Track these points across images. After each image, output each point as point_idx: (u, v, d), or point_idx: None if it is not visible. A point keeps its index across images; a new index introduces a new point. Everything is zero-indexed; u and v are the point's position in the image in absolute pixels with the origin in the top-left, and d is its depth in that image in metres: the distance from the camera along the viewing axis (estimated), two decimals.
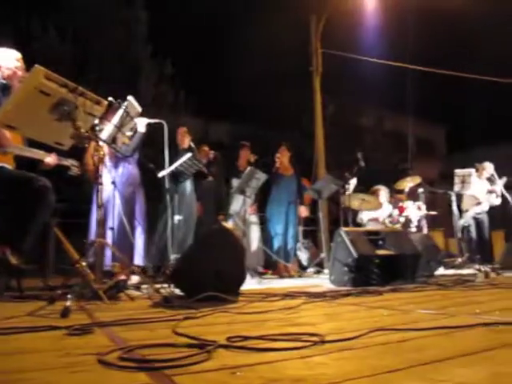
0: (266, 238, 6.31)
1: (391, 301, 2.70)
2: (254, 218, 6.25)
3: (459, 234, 7.52)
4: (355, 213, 7.02)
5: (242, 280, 2.90)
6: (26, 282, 3.57)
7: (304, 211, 6.55)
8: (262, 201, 6.57)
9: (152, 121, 3.98)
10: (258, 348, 1.28)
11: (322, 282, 4.55)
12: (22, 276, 3.30)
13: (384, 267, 3.94)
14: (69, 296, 2.19)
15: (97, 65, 8.50)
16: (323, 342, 1.35)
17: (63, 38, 8.82)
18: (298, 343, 1.33)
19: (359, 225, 7.08)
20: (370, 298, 2.91)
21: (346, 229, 4.13)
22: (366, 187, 8.04)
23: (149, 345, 1.32)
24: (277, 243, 6.16)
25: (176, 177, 4.48)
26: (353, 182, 6.65)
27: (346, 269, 3.89)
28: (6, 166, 3.04)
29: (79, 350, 1.29)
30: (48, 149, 3.26)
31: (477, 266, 6.00)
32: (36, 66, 2.39)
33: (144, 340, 1.42)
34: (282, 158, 6.40)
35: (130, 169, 4.21)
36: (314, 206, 9.91)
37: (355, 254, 3.81)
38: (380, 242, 4.23)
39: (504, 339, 1.40)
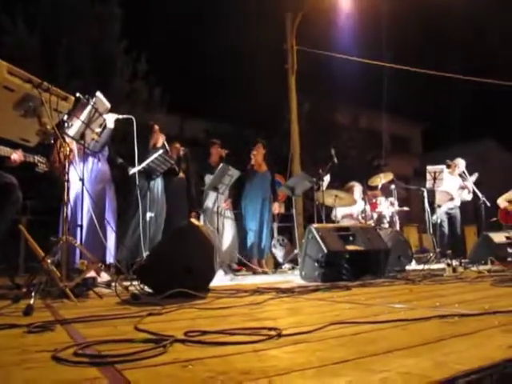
0: (241, 235, 6.35)
1: (358, 295, 2.74)
2: (228, 214, 6.27)
3: (431, 230, 7.66)
4: (329, 209, 7.10)
5: (211, 277, 2.91)
6: None
7: (277, 208, 6.60)
8: (237, 197, 6.60)
9: (121, 116, 3.96)
10: (213, 342, 1.30)
11: (295, 278, 4.60)
12: None
13: (354, 262, 4.01)
14: (32, 294, 2.17)
15: (68, 60, 8.36)
16: (279, 335, 1.38)
17: (32, 32, 8.65)
18: (254, 337, 1.36)
19: (333, 221, 7.15)
20: (337, 292, 2.96)
21: (317, 225, 4.18)
22: (340, 184, 8.14)
23: (106, 340, 1.33)
24: (251, 240, 6.19)
25: (148, 174, 4.47)
26: (326, 178, 6.72)
27: (316, 264, 3.94)
28: None
29: (36, 347, 1.29)
30: (15, 146, 3.23)
31: (447, 261, 6.13)
32: None
33: (104, 336, 1.43)
34: (257, 155, 6.44)
35: (99, 165, 4.18)
36: (288, 203, 9.99)
37: (325, 250, 3.86)
38: (350, 238, 4.29)
39: (456, 330, 1.44)
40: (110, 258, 3.92)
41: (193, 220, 2.85)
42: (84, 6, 9.25)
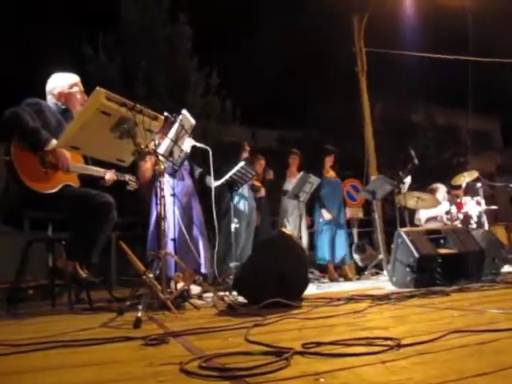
0: (317, 242, 6.31)
1: (460, 301, 2.62)
2: (304, 223, 6.24)
3: None
4: (411, 212, 6.86)
5: (304, 286, 2.89)
6: (94, 294, 3.72)
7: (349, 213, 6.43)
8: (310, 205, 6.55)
9: (198, 144, 4.04)
10: (334, 354, 1.28)
11: (383, 284, 4.48)
12: (90, 289, 3.45)
13: (447, 266, 3.84)
14: (139, 307, 2.26)
15: (146, 81, 8.76)
16: (399, 345, 1.33)
17: (112, 59, 9.17)
18: (373, 348, 1.32)
19: (416, 225, 6.90)
20: (436, 298, 2.84)
21: (406, 229, 4.05)
22: (421, 185, 7.86)
23: (225, 353, 1.35)
24: (325, 246, 6.11)
25: (230, 185, 4.55)
26: (407, 180, 6.51)
27: (407, 270, 3.81)
28: (71, 184, 3.17)
29: (160, 360, 1.33)
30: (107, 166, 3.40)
31: None
32: (97, 88, 2.49)
33: (218, 349, 1.45)
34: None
35: (183, 180, 4.30)
36: (367, 207, 9.79)
37: (417, 254, 3.73)
38: (441, 241, 4.12)
39: None
40: (203, 269, 4.00)
41: (284, 229, 2.84)
42: (156, 28, 9.65)
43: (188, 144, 4.14)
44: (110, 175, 3.48)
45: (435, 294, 3.04)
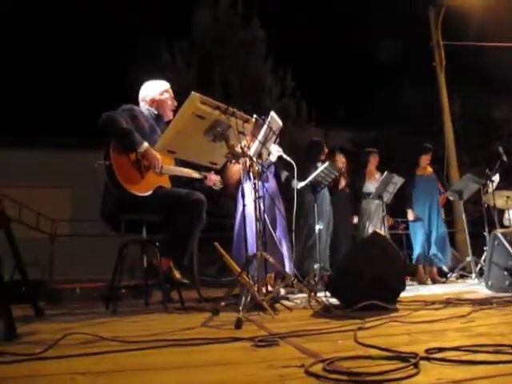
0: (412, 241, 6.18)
1: None
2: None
3: None
4: (499, 212, 6.50)
5: (401, 288, 2.81)
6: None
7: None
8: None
9: (285, 156, 4.08)
10: (465, 361, 1.22)
11: (474, 287, 4.28)
12: (182, 289, 3.55)
13: None
14: (240, 308, 2.29)
15: (222, 86, 8.93)
16: None
17: (189, 65, 9.44)
18: (504, 356, 1.25)
19: (506, 226, 6.54)
20: None
21: (503, 230, 3.84)
22: (509, 184, 7.43)
23: (345, 357, 1.32)
24: (418, 247, 5.93)
25: (313, 186, 4.53)
26: (495, 178, 6.20)
27: (505, 273, 3.60)
28: (164, 185, 3.28)
29: (279, 362, 1.32)
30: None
31: None
32: (193, 92, 2.56)
33: (332, 352, 1.42)
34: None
35: (268, 182, 4.33)
36: (448, 208, 9.40)
37: None
38: None
39: None
40: (289, 270, 4.01)
41: (378, 230, 2.78)
42: (230, 33, 9.83)
43: (275, 153, 4.18)
44: (213, 175, 3.59)
45: None
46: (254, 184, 2.79)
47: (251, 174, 2.73)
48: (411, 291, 4.33)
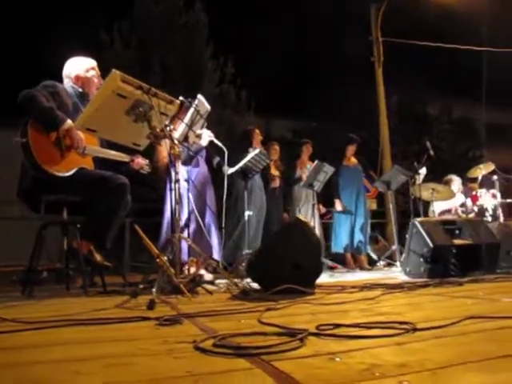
0: (335, 232, 6.31)
1: (474, 291, 2.59)
2: (316, 212, 6.21)
3: None
4: (426, 204, 6.80)
5: (318, 273, 2.88)
6: (107, 279, 3.75)
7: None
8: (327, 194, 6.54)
9: (216, 141, 4.06)
10: (350, 335, 1.27)
11: (396, 274, 4.46)
12: (104, 273, 3.47)
13: (462, 257, 3.80)
14: (153, 289, 2.27)
15: (161, 68, 8.76)
16: (415, 329, 1.32)
17: (128, 45, 9.18)
18: (389, 331, 1.31)
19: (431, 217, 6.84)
20: (450, 288, 2.82)
21: (421, 219, 4.02)
22: (435, 177, 7.77)
23: (239, 333, 1.35)
24: (345, 235, 6.09)
25: (244, 173, 4.54)
26: (422, 171, 6.45)
27: (421, 260, 3.78)
28: (86, 166, 3.18)
29: (174, 338, 1.33)
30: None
31: None
32: (113, 70, 2.49)
33: (232, 329, 1.45)
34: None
35: (199, 166, 4.30)
36: (380, 199, 9.73)
37: (431, 245, 3.70)
38: (456, 232, 4.08)
39: None
40: (215, 255, 4.01)
41: (299, 216, 2.83)
42: (172, 16, 9.63)
43: (206, 138, 4.14)
44: (140, 159, 3.51)
45: (449, 283, 3.01)
46: (174, 166, 2.75)
47: (171, 156, 2.69)
48: (336, 278, 4.46)
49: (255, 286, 2.96)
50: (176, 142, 2.82)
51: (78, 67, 3.36)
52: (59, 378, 0.96)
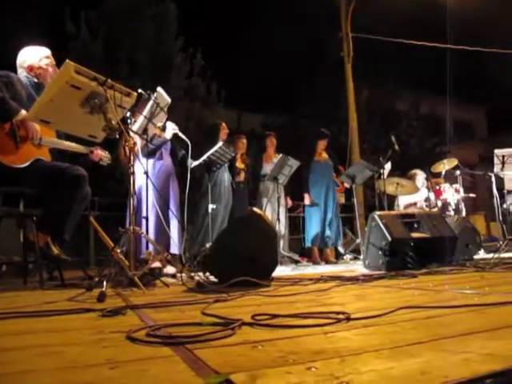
0: (304, 224, 6.39)
1: (425, 282, 2.66)
2: (283, 205, 6.25)
3: (501, 217, 7.28)
4: (391, 198, 6.92)
5: (274, 265, 2.92)
6: (69, 273, 3.71)
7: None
8: (296, 188, 6.59)
9: (180, 134, 4.06)
10: (281, 325, 1.30)
11: (358, 267, 4.53)
12: (63, 266, 3.43)
13: (419, 250, 3.88)
14: (104, 282, 2.26)
15: (128, 60, 8.65)
16: (348, 319, 1.36)
17: (96, 36, 9.03)
18: (322, 320, 1.34)
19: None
20: (403, 280, 2.88)
21: (380, 212, 4.09)
22: (401, 173, 7.91)
23: (176, 323, 1.37)
24: (314, 229, 6.16)
25: (208, 166, 4.54)
26: (387, 166, 6.55)
27: (380, 253, 3.85)
28: (42, 158, 3.13)
29: (111, 329, 1.34)
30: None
31: None
32: (67, 60, 2.46)
33: (172, 320, 1.46)
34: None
35: (163, 159, 4.28)
36: (348, 193, 9.84)
37: (389, 238, 3.77)
38: (415, 225, 4.17)
39: None
40: (175, 249, 4.01)
41: (255, 209, 2.85)
42: (141, 7, 9.51)
43: (170, 130, 4.13)
44: (99, 150, 3.47)
45: (404, 276, 3.08)
46: (130, 159, 2.74)
47: (127, 149, 2.68)
48: (298, 271, 4.52)
49: (214, 279, 2.98)
50: (132, 134, 2.81)
51: (32, 56, 3.30)
52: None
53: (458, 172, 7.23)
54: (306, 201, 6.21)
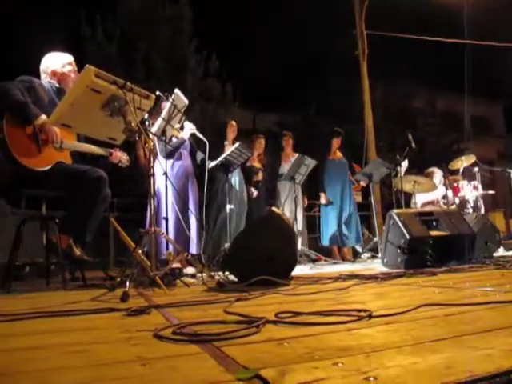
0: (321, 223, 6.39)
1: (445, 280, 2.66)
2: (301, 205, 6.26)
3: None
4: (408, 196, 6.88)
5: (293, 264, 2.93)
6: (90, 274, 3.77)
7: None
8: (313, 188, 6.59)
9: (198, 134, 4.09)
10: (304, 322, 1.32)
11: (376, 266, 4.52)
12: (85, 267, 3.49)
13: (438, 248, 3.87)
14: (127, 282, 2.30)
15: (144, 62, 8.74)
16: (370, 316, 1.37)
17: (111, 39, 9.13)
18: (344, 318, 1.36)
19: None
20: (422, 278, 2.88)
21: (398, 210, 4.08)
22: (418, 170, 7.86)
23: (200, 322, 1.39)
24: (331, 228, 6.16)
25: (225, 167, 4.57)
26: (404, 164, 6.51)
27: (398, 251, 3.84)
28: (63, 161, 3.20)
29: (137, 327, 1.37)
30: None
31: None
32: (87, 65, 2.51)
33: (197, 319, 1.49)
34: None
35: (182, 160, 4.32)
36: (366, 191, 9.79)
37: (408, 236, 3.77)
38: (434, 223, 4.15)
39: None
40: (194, 249, 4.05)
41: (274, 208, 2.87)
42: (156, 10, 9.59)
43: (188, 130, 4.17)
44: (119, 152, 3.53)
45: (423, 274, 3.08)
46: (149, 161, 2.78)
47: (146, 150, 2.72)
48: (317, 269, 4.53)
49: (234, 278, 3.00)
50: (151, 136, 2.85)
51: (55, 62, 3.38)
52: (9, 364, 1.00)
53: (476, 169, 7.15)
54: (322, 200, 6.22)
